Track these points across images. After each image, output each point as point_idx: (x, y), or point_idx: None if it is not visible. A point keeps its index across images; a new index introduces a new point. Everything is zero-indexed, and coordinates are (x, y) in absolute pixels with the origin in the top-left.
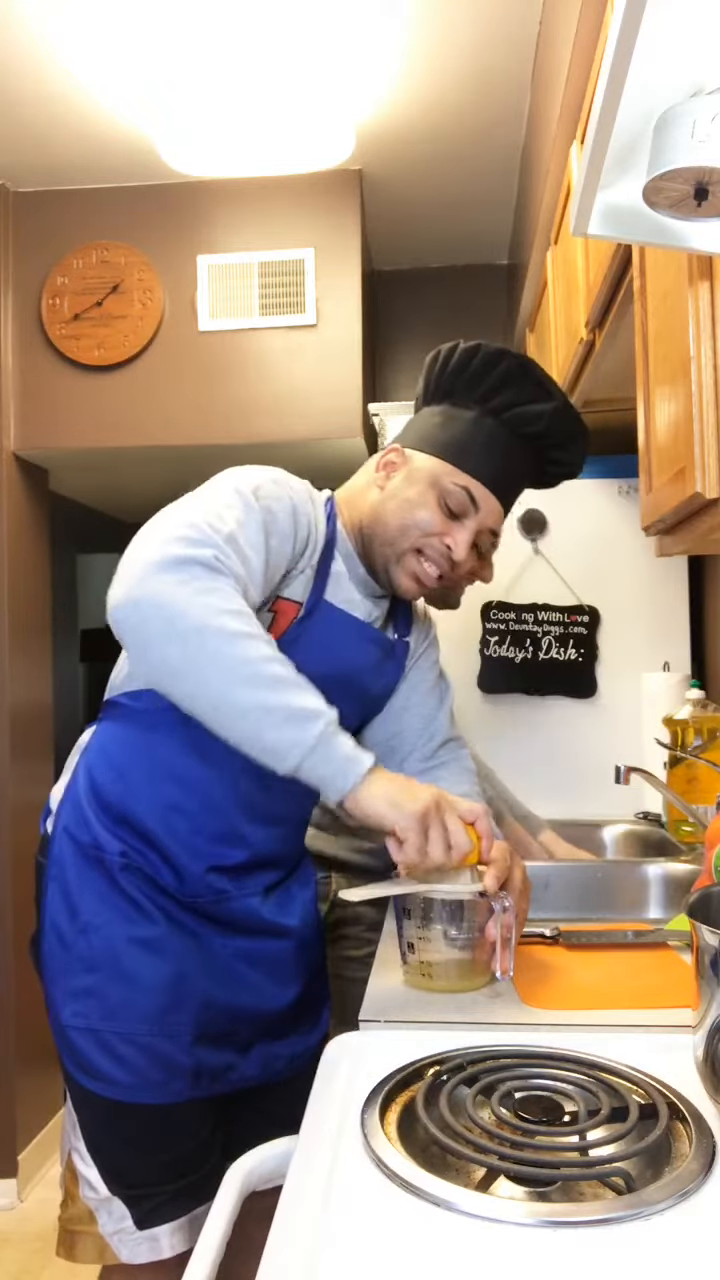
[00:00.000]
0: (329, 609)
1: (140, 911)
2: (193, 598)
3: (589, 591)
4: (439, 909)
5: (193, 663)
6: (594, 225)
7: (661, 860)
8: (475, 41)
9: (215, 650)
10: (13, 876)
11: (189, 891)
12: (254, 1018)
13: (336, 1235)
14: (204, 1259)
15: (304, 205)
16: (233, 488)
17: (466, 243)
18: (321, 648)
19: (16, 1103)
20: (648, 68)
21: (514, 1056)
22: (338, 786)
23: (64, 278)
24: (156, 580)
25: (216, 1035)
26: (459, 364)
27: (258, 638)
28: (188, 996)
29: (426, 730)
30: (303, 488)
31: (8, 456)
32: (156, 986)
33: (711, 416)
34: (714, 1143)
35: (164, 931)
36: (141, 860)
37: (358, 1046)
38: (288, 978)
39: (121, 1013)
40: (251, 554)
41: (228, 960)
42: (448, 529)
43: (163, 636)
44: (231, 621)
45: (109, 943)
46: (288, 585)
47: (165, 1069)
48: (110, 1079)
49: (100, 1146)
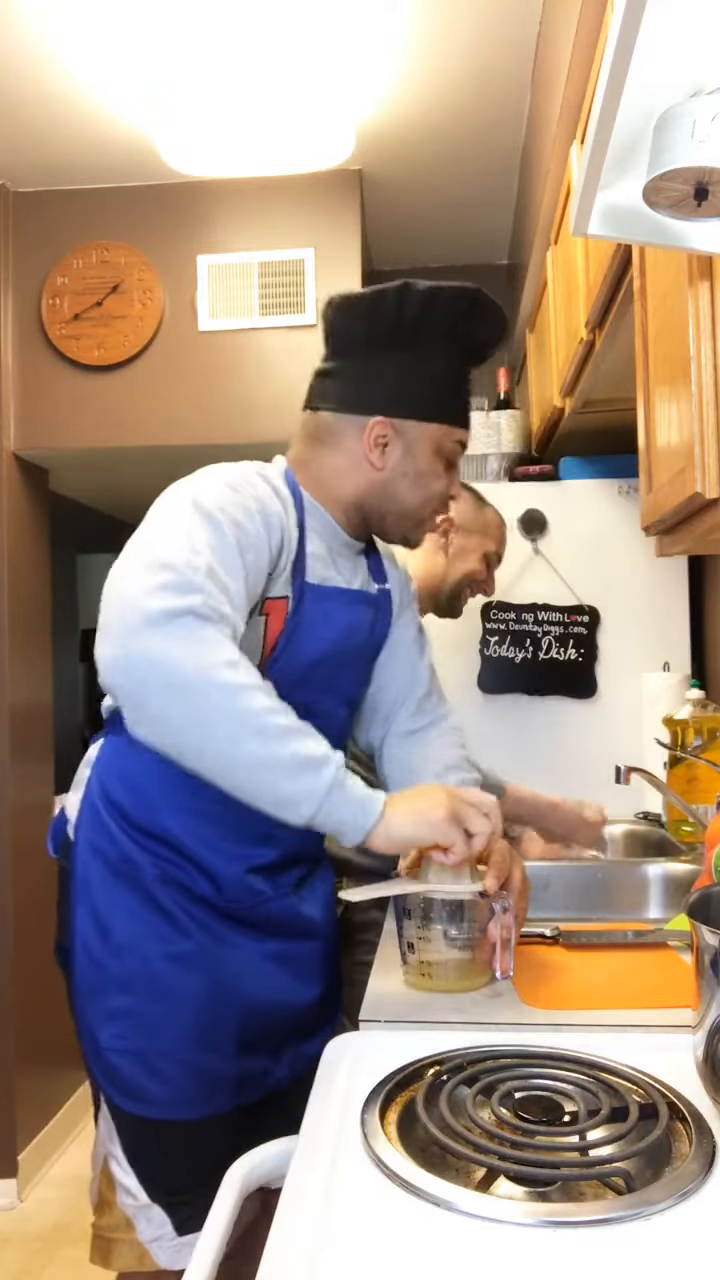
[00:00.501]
0: (314, 591)
1: (174, 926)
2: (188, 654)
3: (589, 591)
4: (439, 909)
5: (196, 722)
6: (594, 225)
7: (661, 860)
8: (475, 41)
9: (217, 707)
10: (13, 876)
11: (228, 898)
12: (286, 1018)
13: (336, 1235)
14: (204, 1259)
15: (304, 205)
16: (196, 509)
17: (466, 243)
18: (317, 631)
19: (16, 1103)
20: (648, 68)
21: (514, 1056)
22: (357, 826)
23: (64, 278)
24: (148, 638)
25: (255, 1042)
26: (421, 307)
27: (257, 688)
28: (228, 1007)
29: (411, 683)
30: (263, 483)
31: (8, 456)
32: (197, 1001)
33: (711, 416)
34: (714, 1143)
35: (198, 944)
36: (178, 872)
37: (358, 1046)
38: (315, 975)
39: (163, 1031)
40: (231, 581)
41: (260, 964)
42: (451, 480)
43: (162, 697)
44: (230, 675)
45: (144, 962)
46: (272, 586)
47: (210, 1083)
48: (153, 1099)
49: (140, 1157)
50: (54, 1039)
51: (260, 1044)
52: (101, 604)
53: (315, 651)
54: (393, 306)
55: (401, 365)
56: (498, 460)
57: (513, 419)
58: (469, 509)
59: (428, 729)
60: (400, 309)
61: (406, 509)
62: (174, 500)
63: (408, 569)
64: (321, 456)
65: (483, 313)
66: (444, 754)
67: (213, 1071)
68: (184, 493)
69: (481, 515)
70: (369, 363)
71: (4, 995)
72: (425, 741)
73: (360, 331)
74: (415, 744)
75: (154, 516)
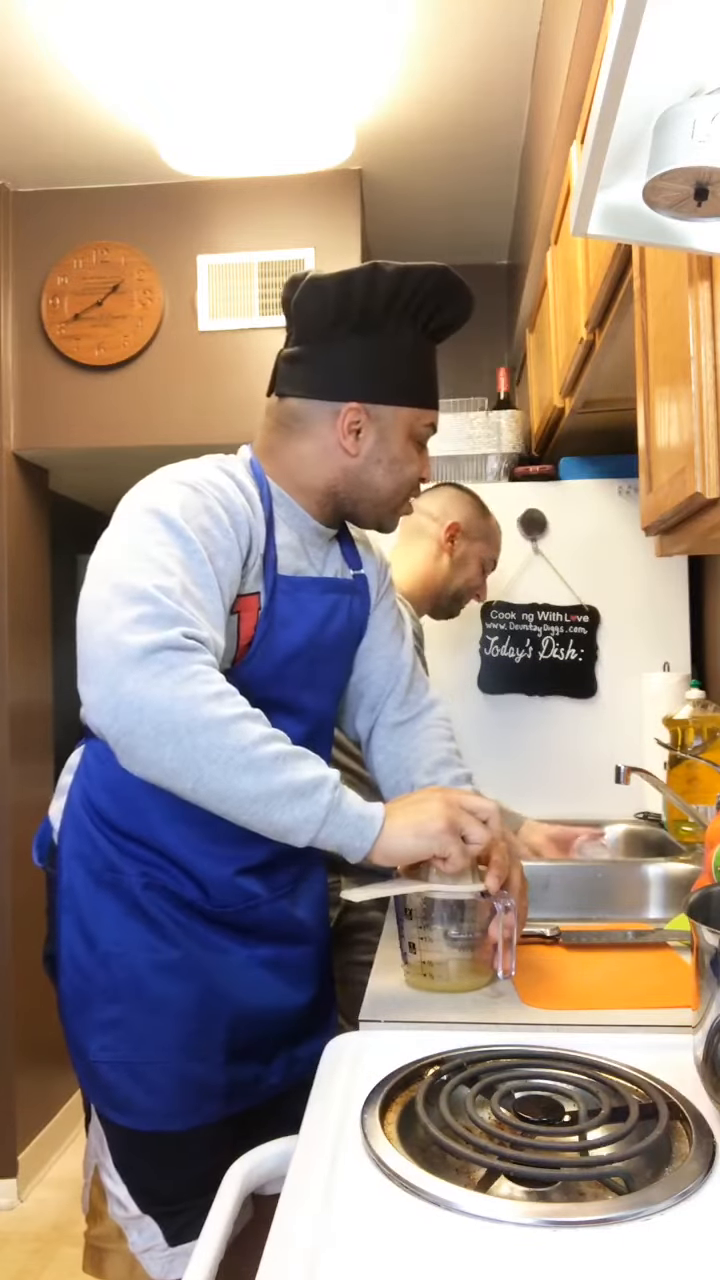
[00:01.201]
0: (287, 583)
1: (160, 934)
2: (174, 694)
3: (589, 591)
4: (439, 909)
5: (187, 764)
6: (594, 225)
7: (661, 860)
8: (475, 41)
9: (210, 744)
10: (13, 876)
11: (217, 902)
12: (277, 1024)
13: (336, 1235)
14: (204, 1260)
15: (304, 205)
16: (161, 521)
17: (466, 243)
18: (292, 625)
19: (16, 1103)
20: (648, 68)
21: (514, 1056)
22: (357, 847)
23: (64, 278)
24: (131, 681)
25: (245, 1049)
26: (389, 290)
27: (244, 718)
28: (216, 1015)
29: (395, 671)
30: (226, 479)
31: (8, 456)
32: (184, 1011)
33: (711, 416)
34: (714, 1143)
35: (185, 953)
36: (164, 877)
37: (358, 1046)
38: (307, 979)
39: (150, 1041)
40: (206, 596)
41: (250, 970)
42: (424, 464)
43: (152, 742)
44: (217, 709)
45: (131, 971)
46: (244, 583)
47: (199, 1093)
48: (141, 1111)
49: (130, 1167)
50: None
51: (251, 1051)
52: (77, 638)
53: (291, 645)
54: (362, 289)
55: (372, 349)
56: (498, 460)
57: (513, 419)
58: (474, 516)
59: (415, 720)
60: (370, 291)
61: (381, 495)
62: (137, 513)
63: (384, 556)
64: (290, 444)
65: (451, 292)
66: (434, 748)
67: (201, 1081)
68: (145, 503)
69: (485, 523)
70: (339, 347)
71: (4, 995)
72: (414, 734)
73: (329, 315)
74: (404, 736)
75: (117, 532)
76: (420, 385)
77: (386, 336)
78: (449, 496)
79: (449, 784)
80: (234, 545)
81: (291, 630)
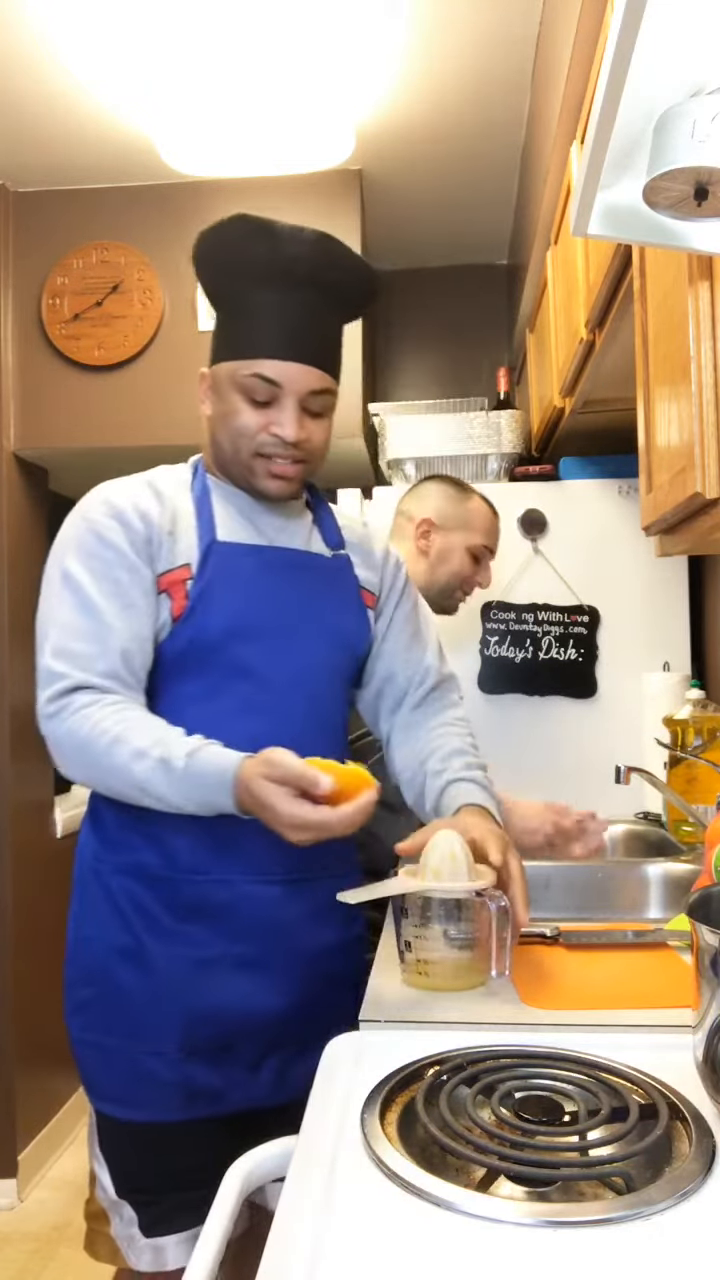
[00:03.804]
0: (226, 549)
1: (123, 922)
2: (71, 739)
3: (589, 591)
4: (436, 908)
5: (99, 784)
6: (594, 225)
7: (661, 860)
8: (475, 41)
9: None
10: (13, 876)
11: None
12: (247, 1028)
13: (336, 1235)
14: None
15: (304, 205)
16: (62, 578)
17: (466, 243)
18: (234, 591)
19: (16, 1103)
20: (648, 68)
21: (514, 1056)
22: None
23: (64, 278)
24: (45, 728)
25: (211, 1050)
26: (203, 265)
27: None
28: (171, 1010)
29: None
30: (128, 489)
31: (8, 456)
32: (139, 1001)
33: (711, 416)
34: (714, 1143)
35: (142, 942)
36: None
37: (358, 1046)
38: (288, 985)
39: (114, 1027)
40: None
41: (215, 967)
42: (269, 419)
43: (71, 770)
44: (103, 740)
45: (99, 955)
46: (163, 558)
47: (150, 1086)
48: (104, 1094)
49: (108, 1151)
50: (54, 1039)
51: (222, 1054)
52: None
53: (232, 607)
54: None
55: (218, 319)
56: (498, 460)
57: (513, 419)
58: (447, 503)
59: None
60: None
61: (227, 455)
62: (51, 564)
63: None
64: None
65: (246, 238)
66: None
67: (151, 1075)
68: (56, 554)
69: (462, 509)
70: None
71: (4, 995)
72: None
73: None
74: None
75: (43, 593)
76: (241, 336)
77: (222, 305)
78: (423, 491)
79: (460, 771)
80: (132, 546)
81: (232, 592)
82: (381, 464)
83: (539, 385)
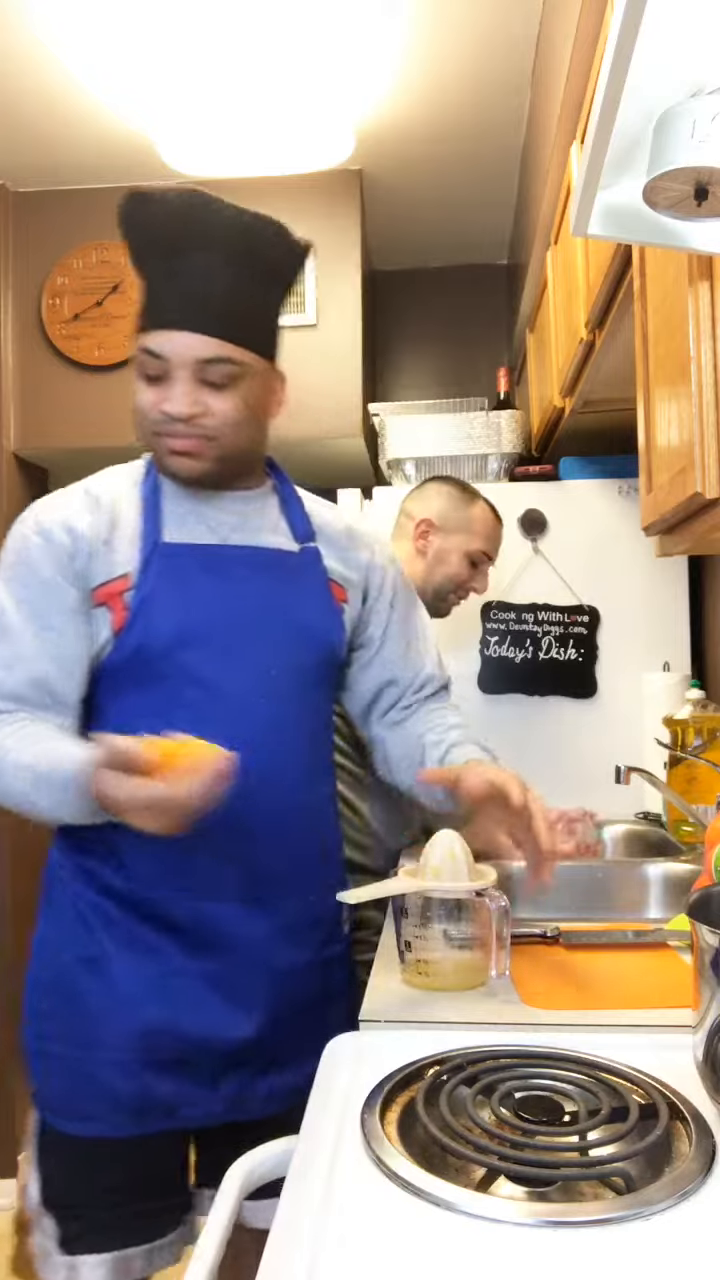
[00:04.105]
0: (170, 551)
1: (87, 929)
2: None
3: (589, 591)
4: (436, 907)
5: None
6: (594, 225)
7: (661, 860)
8: (475, 41)
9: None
10: (12, 876)
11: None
12: (207, 1043)
13: (336, 1235)
14: (204, 1259)
15: (304, 205)
16: None
17: (466, 243)
18: (179, 596)
19: (16, 1103)
20: (648, 68)
21: (514, 1056)
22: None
23: (64, 278)
24: None
25: (169, 1062)
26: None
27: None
28: (131, 1019)
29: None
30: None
31: (8, 456)
32: (98, 1009)
33: (711, 416)
34: (714, 1143)
35: (103, 950)
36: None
37: (358, 1046)
38: (255, 1007)
39: (71, 1036)
40: (29, 638)
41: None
42: (161, 396)
43: None
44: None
45: (57, 963)
46: (97, 571)
47: (103, 1098)
48: (53, 1105)
49: (43, 1159)
50: None
51: (179, 1067)
52: None
53: (175, 616)
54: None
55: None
56: (498, 460)
57: (513, 419)
58: (449, 506)
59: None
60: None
61: (140, 430)
62: None
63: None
64: None
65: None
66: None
67: (107, 1088)
68: None
69: (464, 512)
70: None
71: (3, 995)
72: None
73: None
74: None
75: None
76: (142, 311)
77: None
78: (427, 492)
79: (460, 739)
80: (56, 564)
81: (176, 597)
82: (381, 464)
83: (539, 385)
